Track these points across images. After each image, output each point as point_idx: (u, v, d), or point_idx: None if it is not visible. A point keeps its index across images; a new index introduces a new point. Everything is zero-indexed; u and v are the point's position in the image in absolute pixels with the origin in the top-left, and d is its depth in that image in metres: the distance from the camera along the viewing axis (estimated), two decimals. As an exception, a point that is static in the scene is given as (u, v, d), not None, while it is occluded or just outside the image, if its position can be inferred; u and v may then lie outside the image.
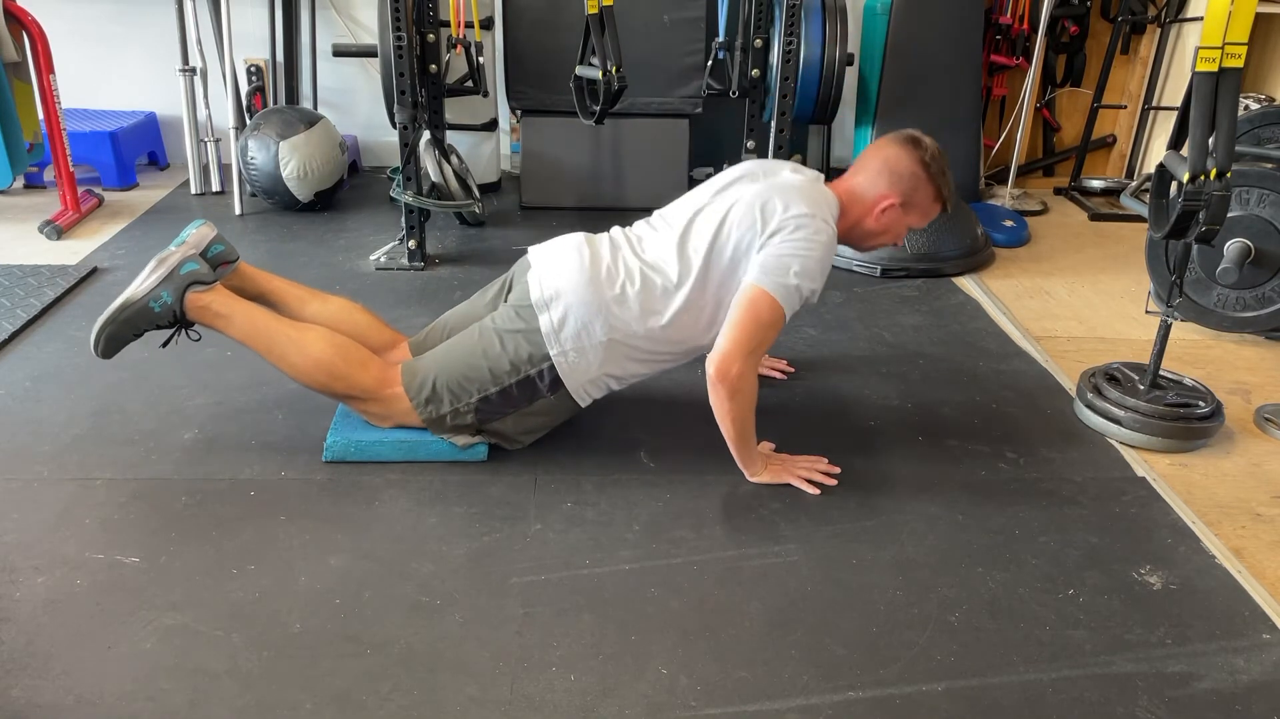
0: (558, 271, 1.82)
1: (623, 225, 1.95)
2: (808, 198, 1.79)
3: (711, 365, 1.73)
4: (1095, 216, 3.73)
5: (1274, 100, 3.67)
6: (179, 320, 1.83)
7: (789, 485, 1.84)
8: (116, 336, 1.82)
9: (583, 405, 1.89)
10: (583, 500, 1.78)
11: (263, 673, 1.35)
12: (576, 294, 1.79)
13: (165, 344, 1.87)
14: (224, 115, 3.59)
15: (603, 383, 1.87)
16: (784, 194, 1.79)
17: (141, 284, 1.80)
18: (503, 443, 1.90)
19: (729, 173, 1.94)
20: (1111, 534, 1.74)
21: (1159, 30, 3.91)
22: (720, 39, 3.37)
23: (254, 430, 1.98)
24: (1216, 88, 1.79)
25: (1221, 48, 1.76)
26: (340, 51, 3.41)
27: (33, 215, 3.24)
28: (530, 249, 1.94)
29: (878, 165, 1.87)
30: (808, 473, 1.85)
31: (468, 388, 1.82)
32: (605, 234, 1.93)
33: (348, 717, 1.29)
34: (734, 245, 1.78)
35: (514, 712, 1.30)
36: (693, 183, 3.79)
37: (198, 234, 1.89)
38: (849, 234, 1.91)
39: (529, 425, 1.88)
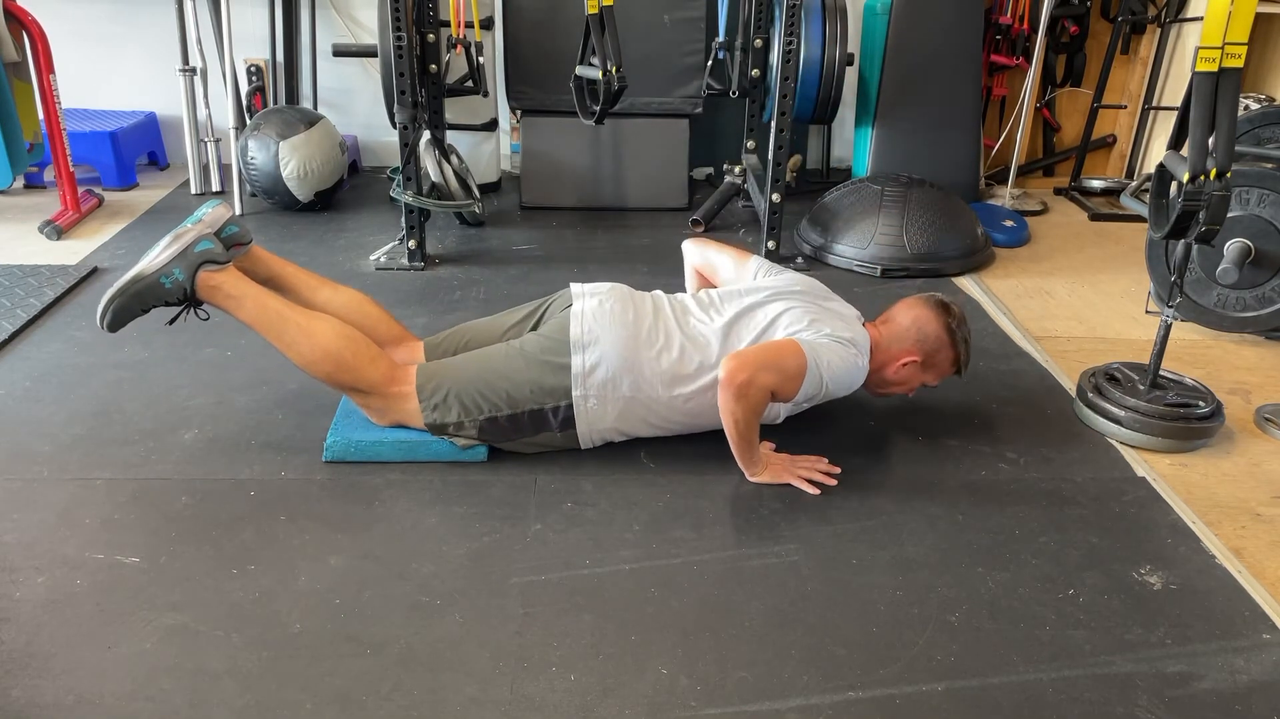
0: (602, 317, 1.84)
1: (667, 292, 1.99)
2: (852, 329, 1.90)
3: (724, 366, 1.74)
4: (1095, 216, 3.73)
5: (1274, 100, 3.67)
6: (189, 298, 1.81)
7: (789, 485, 1.84)
8: (125, 309, 1.79)
9: (582, 448, 1.90)
10: (583, 500, 1.78)
11: (263, 673, 1.35)
12: (615, 345, 1.81)
13: (172, 321, 1.84)
14: (224, 115, 3.59)
15: (609, 435, 1.90)
16: (834, 319, 1.89)
17: (155, 259, 1.79)
18: (499, 446, 1.90)
19: (787, 279, 2.01)
20: (1111, 534, 1.74)
21: (1159, 30, 3.91)
22: (720, 39, 3.37)
23: (254, 430, 1.98)
24: (1216, 88, 1.79)
25: (1221, 48, 1.76)
26: (340, 51, 3.42)
27: (33, 215, 3.24)
28: (573, 285, 1.96)
29: (908, 323, 1.97)
30: (808, 473, 1.86)
31: (480, 404, 1.82)
32: (649, 294, 1.96)
33: (348, 717, 1.29)
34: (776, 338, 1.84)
35: (514, 712, 1.30)
36: (693, 183, 3.82)
37: (213, 214, 1.87)
38: (870, 377, 1.96)
39: (527, 448, 1.90)
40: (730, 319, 1.88)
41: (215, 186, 3.71)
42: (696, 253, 2.17)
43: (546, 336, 1.86)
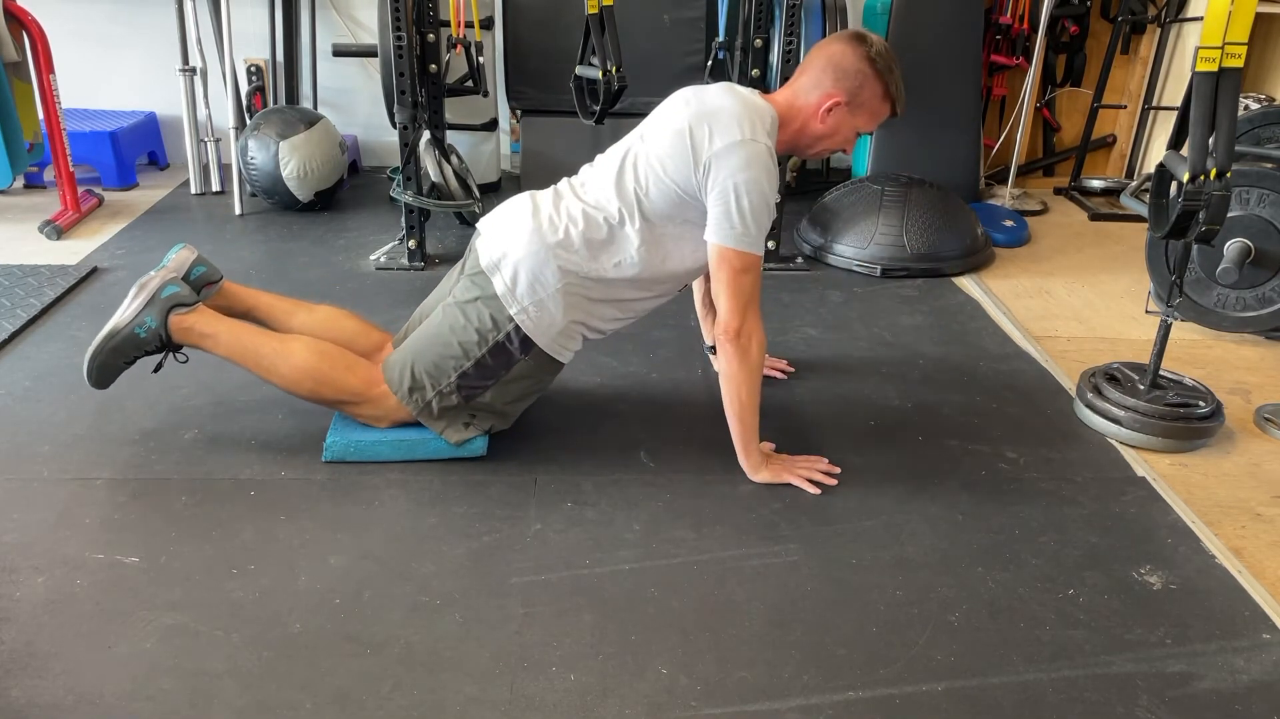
0: (502, 231, 1.83)
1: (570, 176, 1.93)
2: (736, 117, 1.73)
3: (718, 330, 1.75)
4: (1095, 216, 3.73)
5: (1274, 100, 3.67)
6: (166, 344, 1.85)
7: (789, 485, 1.84)
8: (108, 366, 1.84)
9: (564, 361, 1.88)
10: (583, 500, 1.78)
11: (263, 673, 1.35)
12: (523, 248, 1.79)
13: (156, 369, 1.90)
14: (224, 115, 3.59)
15: (575, 333, 1.85)
16: (711, 119, 1.73)
17: (124, 312, 1.82)
18: (497, 422, 1.89)
19: (661, 105, 1.88)
20: (1111, 534, 1.74)
21: (1159, 30, 3.91)
22: (720, 39, 3.37)
23: (254, 430, 1.98)
24: (1216, 88, 1.79)
25: (1221, 48, 1.76)
26: (340, 51, 3.42)
27: (33, 215, 3.24)
28: (479, 220, 1.93)
29: (821, 64, 1.80)
30: (808, 472, 1.85)
31: (444, 367, 1.82)
32: (551, 187, 1.91)
33: (348, 717, 1.29)
34: (671, 181, 1.75)
35: (514, 712, 1.30)
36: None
37: (178, 258, 1.92)
38: (795, 141, 1.86)
39: (514, 393, 1.87)
40: (618, 169, 1.81)
41: (215, 187, 3.71)
42: None
43: (467, 276, 1.86)
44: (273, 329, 1.94)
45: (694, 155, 1.73)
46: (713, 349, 2.18)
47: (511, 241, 1.81)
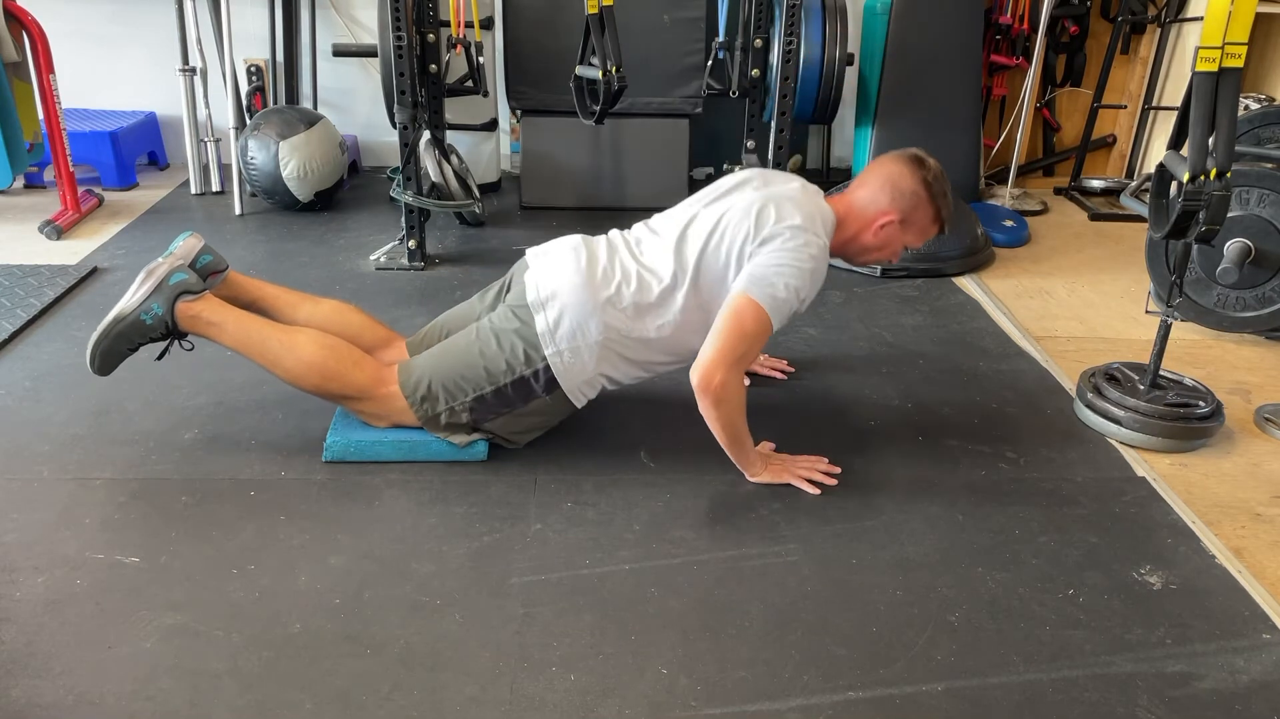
0: (554, 272, 1.83)
1: (621, 228, 1.95)
2: (802, 209, 1.80)
3: (695, 374, 1.73)
4: (1095, 216, 3.73)
5: (1274, 100, 3.67)
6: (171, 331, 1.84)
7: (789, 485, 1.84)
8: (112, 352, 1.83)
9: (578, 406, 1.89)
10: (583, 500, 1.78)
11: (263, 673, 1.35)
12: (573, 294, 1.80)
13: (160, 357, 1.89)
14: (224, 115, 3.59)
15: (597, 383, 1.88)
16: (779, 204, 1.80)
17: (131, 298, 1.81)
18: (500, 441, 1.90)
19: (728, 179, 1.94)
20: (1111, 534, 1.74)
21: (1159, 30, 3.91)
22: (720, 39, 3.37)
23: (254, 430, 1.98)
24: (1216, 88, 1.79)
25: (1221, 48, 1.76)
26: (340, 51, 3.42)
27: (33, 215, 3.24)
28: (528, 250, 1.94)
29: (880, 181, 1.88)
30: (808, 473, 1.85)
31: (463, 387, 1.82)
32: (603, 236, 1.93)
33: (348, 717, 1.29)
34: (726, 251, 1.78)
35: (514, 712, 1.30)
36: (693, 183, 3.82)
37: (185, 245, 1.91)
38: (845, 248, 1.92)
39: (524, 425, 1.88)
40: (679, 233, 1.84)
41: (215, 187, 3.71)
42: None
43: (509, 306, 1.86)
44: (278, 320, 1.93)
45: (756, 229, 1.77)
46: None
47: (562, 284, 1.81)
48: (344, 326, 1.96)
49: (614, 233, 1.94)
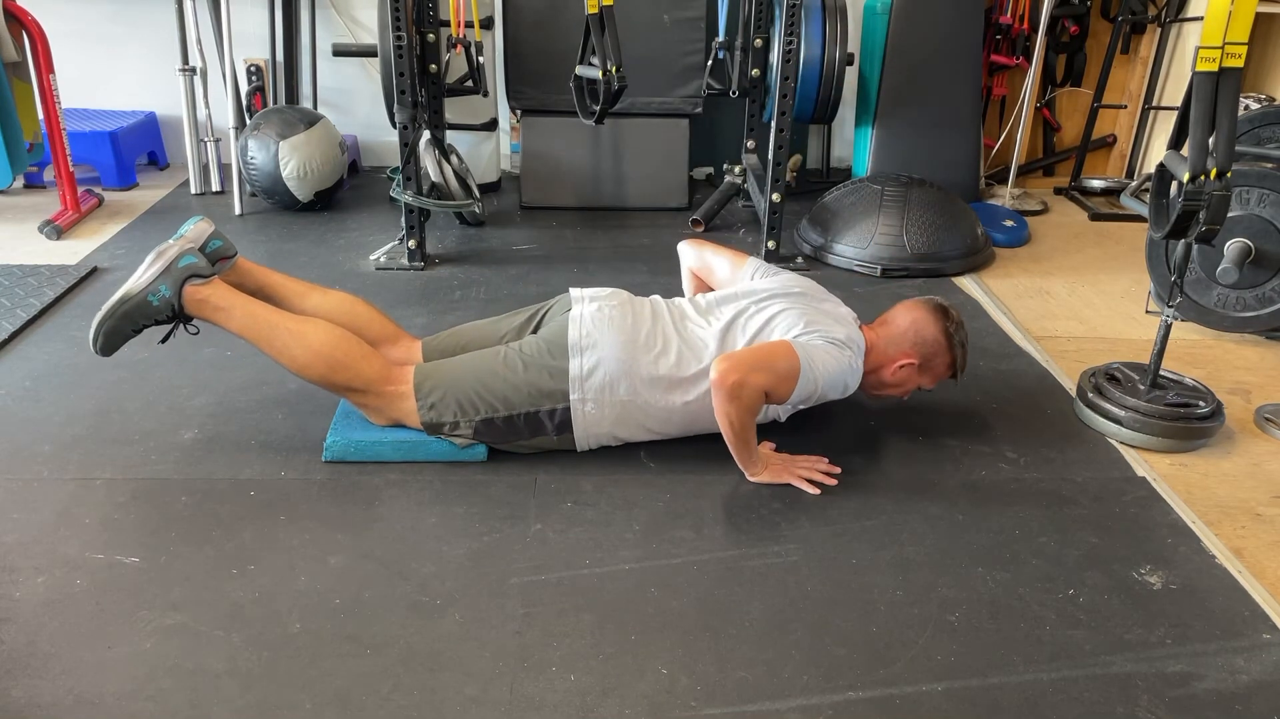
0: (600, 322, 1.85)
1: (666, 295, 1.99)
2: (846, 330, 1.89)
3: (715, 368, 1.74)
4: (1095, 216, 3.73)
5: (1274, 100, 3.67)
6: (177, 314, 1.82)
7: (789, 485, 1.84)
8: (116, 331, 1.80)
9: (578, 451, 1.90)
10: (583, 500, 1.78)
11: (263, 673, 1.35)
12: (613, 349, 1.81)
13: (164, 340, 1.86)
14: (224, 115, 3.59)
15: (606, 439, 1.90)
16: (829, 321, 1.88)
17: (140, 278, 1.80)
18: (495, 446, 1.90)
19: (783, 280, 2.01)
20: (1111, 534, 1.74)
21: (1159, 30, 3.91)
22: (720, 39, 3.37)
23: (254, 430, 1.98)
24: (1216, 88, 1.79)
25: (1221, 48, 1.76)
26: (340, 51, 3.42)
27: (33, 215, 3.24)
28: (572, 290, 1.96)
29: (905, 325, 1.97)
30: (808, 473, 1.86)
31: (477, 405, 1.82)
32: (648, 299, 1.97)
33: (348, 717, 1.29)
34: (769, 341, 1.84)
35: (514, 712, 1.30)
36: (693, 183, 3.82)
37: (196, 229, 1.89)
38: (865, 379, 1.96)
39: (519, 448, 1.90)
40: (727, 323, 1.88)
41: (215, 187, 3.71)
42: (693, 255, 2.17)
43: (545, 339, 1.86)
44: (285, 309, 1.92)
45: (805, 331, 1.83)
46: None
47: (605, 337, 1.83)
48: (352, 318, 1.95)
49: (658, 299, 1.98)
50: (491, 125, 3.78)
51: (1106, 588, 1.59)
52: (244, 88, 3.83)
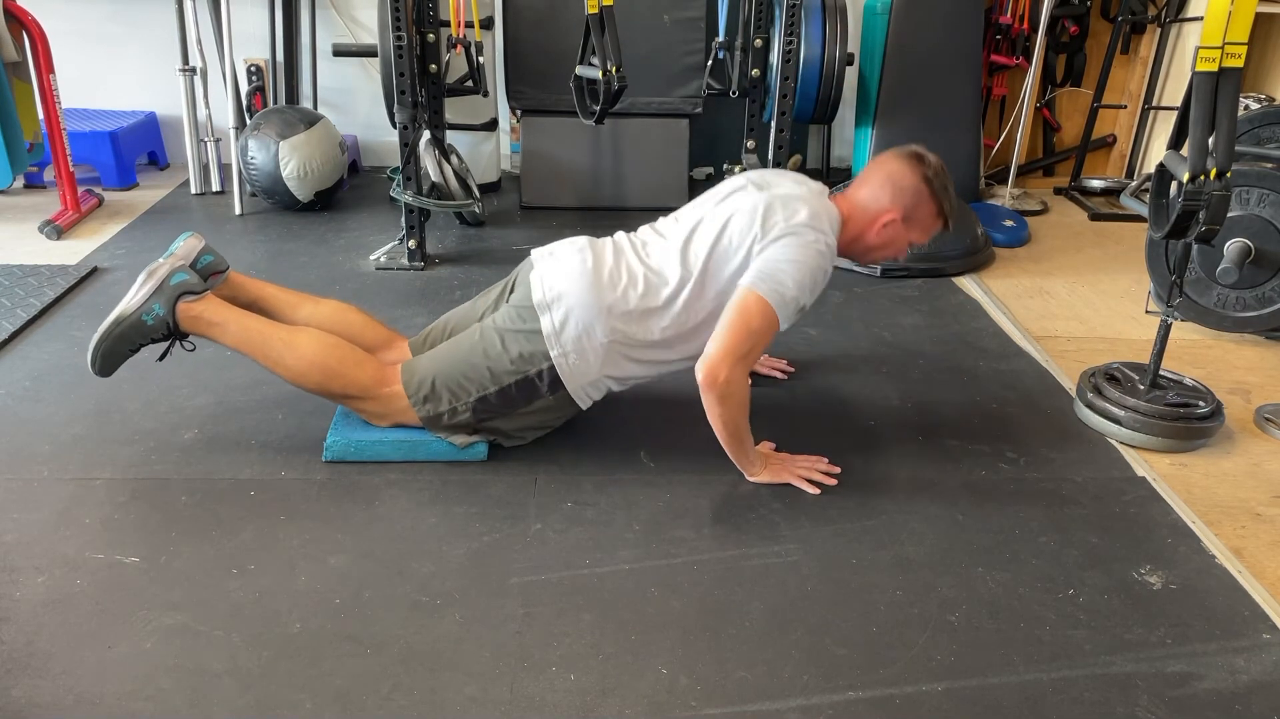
0: (561, 273, 1.83)
1: (627, 231, 1.95)
2: (810, 208, 1.80)
3: (700, 370, 1.73)
4: (1095, 216, 3.73)
5: (1274, 100, 3.67)
6: (173, 332, 1.84)
7: (789, 485, 1.84)
8: (113, 353, 1.83)
9: (583, 407, 1.89)
10: (583, 500, 1.78)
11: (263, 673, 1.35)
12: (579, 296, 1.79)
13: (162, 358, 1.89)
14: (224, 115, 3.59)
15: (602, 384, 1.88)
16: (786, 204, 1.80)
17: (132, 298, 1.81)
18: (501, 440, 1.90)
19: (733, 181, 1.94)
20: (1111, 534, 1.74)
21: (1159, 30, 3.91)
22: (720, 39, 3.37)
23: (254, 430, 1.98)
24: (1216, 88, 1.79)
25: (1221, 48, 1.76)
26: (340, 51, 3.42)
27: (33, 215, 3.24)
28: (533, 251, 1.94)
29: (880, 179, 1.88)
30: (807, 472, 1.85)
31: (467, 387, 1.82)
32: (609, 238, 1.93)
33: (348, 717, 1.29)
34: (734, 252, 1.78)
35: (514, 712, 1.30)
36: (693, 183, 3.82)
37: (185, 246, 1.91)
38: (850, 247, 1.91)
39: (526, 424, 1.89)
40: (685, 236, 1.83)
41: (215, 187, 3.71)
42: None
43: (514, 306, 1.86)
44: (279, 320, 1.93)
45: (764, 229, 1.76)
46: None
47: (568, 286, 1.81)
48: (345, 326, 1.96)
49: (620, 235, 1.94)
50: (491, 125, 3.78)
51: (1106, 588, 1.59)
52: (244, 88, 3.83)
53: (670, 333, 1.82)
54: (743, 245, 1.78)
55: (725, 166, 3.58)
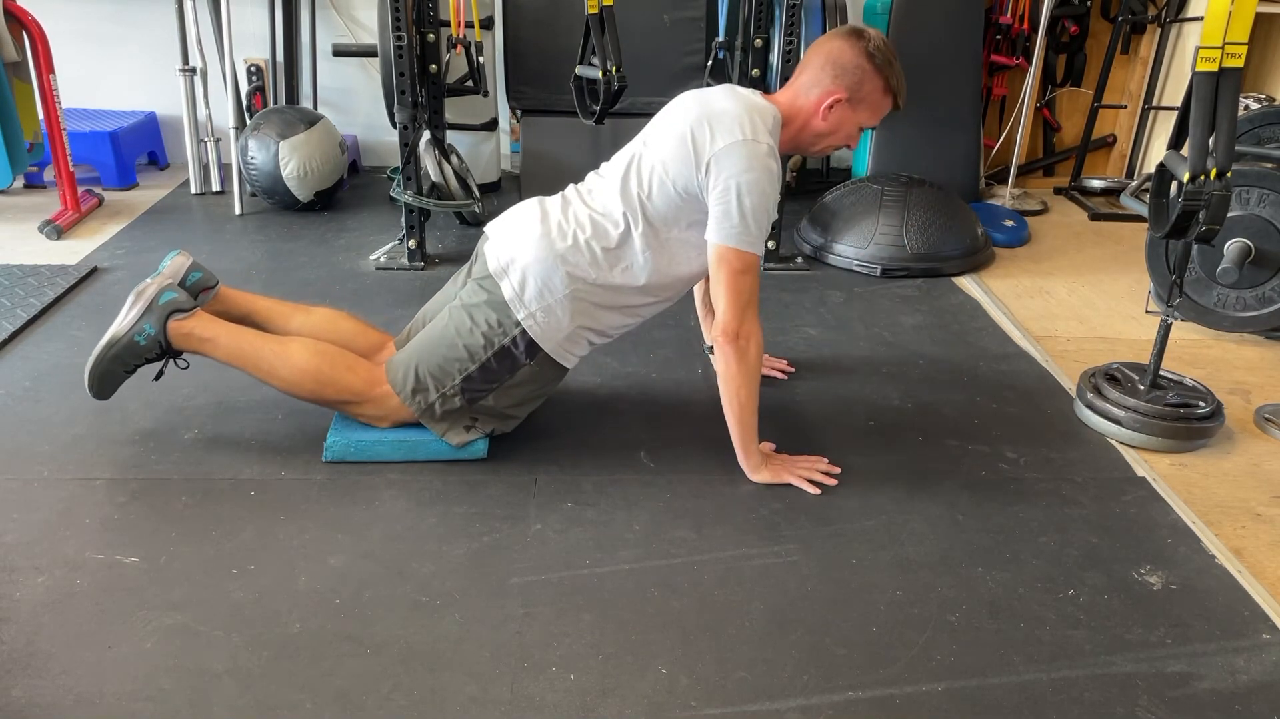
0: (511, 236, 1.83)
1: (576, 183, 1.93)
2: (738, 119, 1.73)
3: (717, 333, 1.75)
4: (1095, 216, 3.73)
5: (1274, 100, 3.67)
6: (166, 350, 1.85)
7: (789, 485, 1.84)
8: (109, 374, 1.85)
9: (568, 366, 1.88)
10: (583, 500, 1.78)
11: (263, 673, 1.35)
12: (531, 253, 1.79)
13: (157, 377, 1.90)
14: (224, 115, 3.59)
15: (580, 338, 1.86)
16: (712, 122, 1.73)
17: (123, 320, 1.82)
18: (499, 425, 1.89)
19: (664, 110, 1.89)
20: (1111, 534, 1.74)
21: (1159, 30, 3.91)
22: (720, 39, 3.37)
23: (254, 430, 1.98)
24: (1216, 88, 1.79)
25: (1221, 48, 1.76)
26: (340, 51, 3.42)
27: (33, 215, 3.24)
28: (487, 225, 1.94)
29: (820, 62, 1.80)
30: (808, 472, 1.85)
31: (449, 370, 1.82)
32: (559, 194, 1.91)
33: (348, 717, 1.29)
34: (672, 184, 1.76)
35: (514, 712, 1.30)
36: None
37: (173, 264, 1.92)
38: (797, 139, 1.86)
39: (518, 397, 1.87)
40: (622, 173, 1.81)
41: (215, 187, 3.71)
42: None
43: (474, 280, 1.86)
44: (271, 332, 1.94)
45: (695, 157, 1.73)
46: (712, 349, 2.19)
47: (520, 247, 1.81)
48: (336, 334, 1.97)
49: (570, 188, 1.92)
50: (491, 125, 3.78)
51: (1106, 588, 1.59)
52: (244, 88, 3.83)
53: (633, 273, 1.80)
54: (680, 177, 1.75)
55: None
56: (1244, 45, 1.76)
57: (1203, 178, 1.81)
